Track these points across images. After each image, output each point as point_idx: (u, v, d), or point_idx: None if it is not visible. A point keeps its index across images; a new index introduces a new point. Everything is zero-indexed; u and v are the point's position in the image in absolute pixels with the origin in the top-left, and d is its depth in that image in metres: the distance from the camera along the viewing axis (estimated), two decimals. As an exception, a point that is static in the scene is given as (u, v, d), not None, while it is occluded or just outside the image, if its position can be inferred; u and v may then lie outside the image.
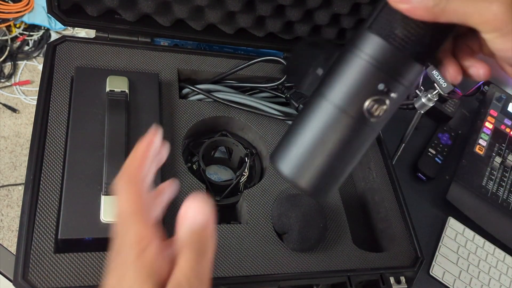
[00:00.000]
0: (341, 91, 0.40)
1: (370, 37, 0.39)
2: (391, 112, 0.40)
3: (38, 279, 0.58)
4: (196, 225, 0.37)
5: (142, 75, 0.76)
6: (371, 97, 0.39)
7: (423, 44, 0.39)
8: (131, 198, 0.40)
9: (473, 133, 1.13)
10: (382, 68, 0.39)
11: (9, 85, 0.91)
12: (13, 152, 0.82)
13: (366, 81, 0.39)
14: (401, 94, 0.40)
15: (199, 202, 0.38)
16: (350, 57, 0.40)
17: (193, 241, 0.37)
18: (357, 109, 0.39)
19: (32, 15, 0.98)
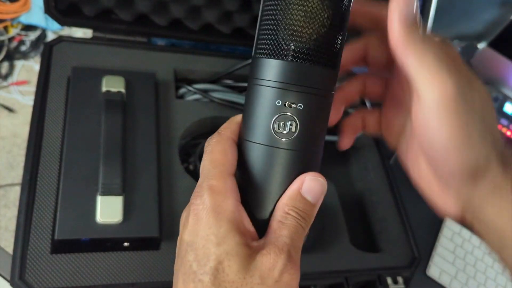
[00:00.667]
0: (248, 125, 0.38)
1: (253, 60, 0.38)
2: (315, 122, 0.38)
3: (35, 279, 0.58)
4: (314, 198, 0.37)
5: (139, 75, 0.76)
6: (273, 117, 0.37)
7: (307, 43, 0.36)
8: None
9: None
10: (269, 83, 0.37)
11: (6, 85, 0.91)
12: (10, 152, 0.82)
13: (261, 103, 0.37)
14: (314, 101, 0.37)
15: (323, 181, 0.38)
16: (248, 91, 0.39)
17: (306, 212, 0.37)
18: (268, 136, 0.37)
19: (29, 15, 0.98)
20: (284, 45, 0.36)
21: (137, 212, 0.63)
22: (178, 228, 0.67)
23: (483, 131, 0.35)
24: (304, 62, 0.36)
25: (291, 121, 0.37)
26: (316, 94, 0.37)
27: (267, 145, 0.37)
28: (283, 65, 0.36)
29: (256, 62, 0.38)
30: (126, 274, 0.61)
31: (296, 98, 0.36)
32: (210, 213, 0.35)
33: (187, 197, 0.71)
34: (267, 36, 0.37)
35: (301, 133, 0.37)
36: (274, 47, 0.36)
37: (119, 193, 0.63)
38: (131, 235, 0.62)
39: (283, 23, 0.36)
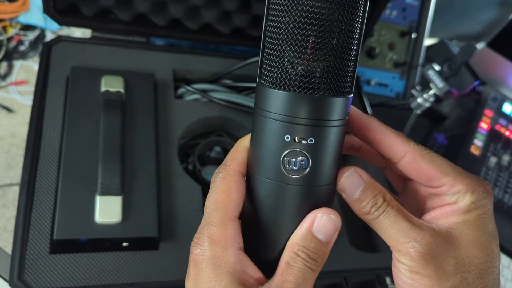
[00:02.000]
0: (256, 158, 0.36)
1: (258, 88, 0.35)
2: (328, 156, 0.35)
3: (33, 279, 0.58)
4: (327, 236, 0.35)
5: (138, 75, 0.76)
6: (282, 153, 0.34)
7: (312, 76, 0.33)
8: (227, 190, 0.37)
9: (469, 133, 1.14)
10: (276, 116, 0.34)
11: (4, 85, 0.91)
12: (9, 152, 0.82)
13: (269, 137, 0.34)
14: (326, 134, 0.34)
15: (335, 217, 0.36)
16: (254, 119, 0.36)
17: (310, 253, 0.35)
18: (277, 173, 0.35)
19: (27, 15, 0.98)
20: (290, 70, 0.33)
21: (136, 212, 0.63)
22: (177, 228, 0.67)
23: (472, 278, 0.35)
24: (314, 93, 0.33)
25: (302, 157, 0.34)
26: (328, 126, 0.34)
27: (276, 181, 0.35)
28: (290, 97, 0.33)
29: (261, 91, 0.35)
30: (125, 274, 0.61)
31: (306, 133, 0.33)
32: (209, 265, 0.34)
33: (186, 197, 0.71)
34: (271, 60, 0.34)
35: (313, 168, 0.34)
36: (280, 74, 0.33)
37: (118, 193, 0.63)
38: (130, 235, 0.62)
39: (289, 45, 0.32)
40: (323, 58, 0.32)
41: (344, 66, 0.34)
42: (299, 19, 0.32)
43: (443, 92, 0.94)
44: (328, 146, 0.34)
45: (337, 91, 0.34)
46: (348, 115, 0.36)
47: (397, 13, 1.11)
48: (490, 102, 1.22)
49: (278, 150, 0.34)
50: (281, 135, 0.34)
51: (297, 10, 0.32)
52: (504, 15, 1.24)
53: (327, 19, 0.32)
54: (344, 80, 0.34)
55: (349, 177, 0.36)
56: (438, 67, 0.95)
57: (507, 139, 1.16)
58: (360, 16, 0.33)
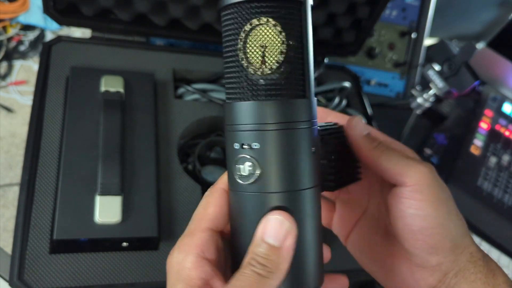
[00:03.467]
0: (228, 173, 0.38)
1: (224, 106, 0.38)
2: (278, 159, 0.35)
3: (33, 279, 0.58)
4: (277, 240, 0.34)
5: (138, 75, 0.76)
6: (233, 162, 0.35)
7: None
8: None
9: (469, 133, 1.14)
10: (228, 127, 0.36)
11: (4, 85, 0.91)
12: (9, 152, 0.82)
13: (227, 149, 0.36)
14: (271, 138, 0.34)
15: (284, 217, 0.34)
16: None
17: (259, 259, 0.34)
18: (233, 181, 0.36)
19: (27, 15, 0.98)
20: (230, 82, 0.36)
21: (136, 212, 0.63)
22: (177, 228, 0.67)
23: (457, 209, 0.39)
24: (255, 99, 0.35)
25: (249, 163, 0.35)
26: (273, 130, 0.34)
27: (234, 190, 0.36)
28: (232, 107, 0.35)
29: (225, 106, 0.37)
30: (125, 274, 0.61)
31: (249, 138, 0.35)
32: (172, 271, 0.36)
33: (185, 197, 0.71)
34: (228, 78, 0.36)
35: (263, 173, 0.35)
36: (229, 88, 0.36)
37: (117, 193, 0.63)
38: (130, 235, 0.62)
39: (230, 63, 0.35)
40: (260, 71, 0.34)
41: (293, 73, 0.35)
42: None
43: (443, 92, 0.94)
44: (275, 148, 0.35)
45: (275, 96, 0.34)
46: (305, 119, 0.35)
47: (397, 13, 1.11)
48: (490, 102, 1.22)
49: (232, 158, 0.35)
50: (232, 144, 0.35)
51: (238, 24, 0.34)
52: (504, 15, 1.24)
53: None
54: (297, 83, 0.35)
55: (356, 117, 0.41)
56: (438, 67, 0.95)
57: (507, 139, 1.16)
58: (301, 20, 0.35)
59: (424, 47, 1.12)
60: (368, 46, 1.08)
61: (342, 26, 0.88)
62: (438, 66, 0.95)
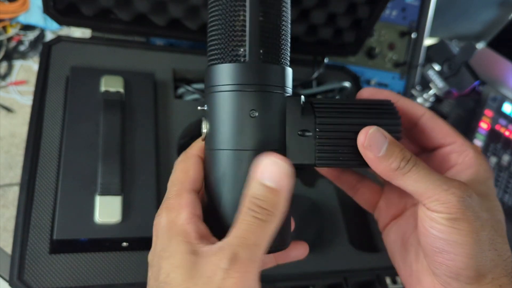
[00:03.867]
0: None
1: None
2: (220, 119, 0.38)
3: (33, 279, 0.58)
4: (276, 182, 0.34)
5: (138, 75, 0.76)
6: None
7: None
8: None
9: (469, 133, 1.14)
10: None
11: (4, 85, 0.91)
12: (9, 152, 0.82)
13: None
14: (213, 99, 0.38)
15: (279, 159, 0.34)
16: None
17: (259, 202, 0.34)
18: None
19: (27, 15, 0.98)
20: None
21: (136, 212, 0.63)
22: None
23: (492, 238, 0.36)
24: (209, 64, 0.39)
25: (204, 122, 0.39)
26: (214, 92, 0.38)
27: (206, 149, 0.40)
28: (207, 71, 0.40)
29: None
30: (125, 274, 0.61)
31: (205, 101, 0.39)
32: (164, 231, 0.36)
33: (186, 197, 0.71)
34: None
35: (210, 131, 0.38)
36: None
37: (117, 193, 0.63)
38: (130, 235, 0.62)
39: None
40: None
41: (234, 32, 0.39)
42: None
43: (443, 92, 0.94)
44: (217, 109, 0.38)
45: (225, 59, 0.39)
46: (244, 81, 0.37)
47: (397, 13, 1.11)
48: (490, 102, 1.22)
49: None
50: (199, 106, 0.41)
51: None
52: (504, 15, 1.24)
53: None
54: (231, 45, 0.39)
55: (374, 134, 0.36)
56: (438, 67, 0.95)
57: (507, 139, 1.16)
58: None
59: (424, 47, 1.12)
60: (368, 46, 1.08)
61: (342, 26, 0.88)
62: (438, 66, 0.95)
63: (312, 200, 0.73)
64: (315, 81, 0.91)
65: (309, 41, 0.91)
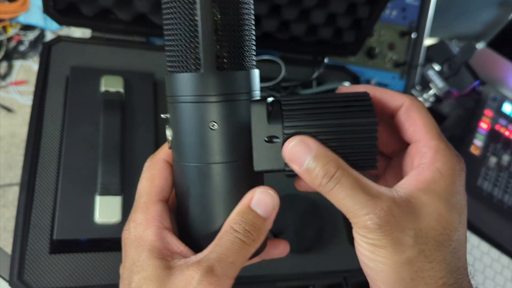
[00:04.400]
0: None
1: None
2: (181, 129, 0.36)
3: (33, 279, 0.58)
4: (265, 211, 0.35)
5: (137, 75, 0.76)
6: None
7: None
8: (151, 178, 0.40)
9: (469, 133, 1.14)
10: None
11: (4, 85, 0.91)
12: (9, 152, 0.82)
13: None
14: (173, 109, 0.37)
15: (274, 194, 0.36)
16: None
17: (246, 226, 0.35)
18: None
19: (27, 15, 0.98)
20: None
21: (136, 212, 0.63)
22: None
23: (419, 266, 0.33)
24: (169, 72, 0.37)
25: (168, 130, 0.38)
26: (176, 102, 0.36)
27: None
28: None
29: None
30: (124, 274, 0.61)
31: (168, 110, 0.38)
32: (133, 246, 0.36)
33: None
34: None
35: (174, 142, 0.37)
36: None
37: (117, 193, 0.63)
38: (129, 235, 0.62)
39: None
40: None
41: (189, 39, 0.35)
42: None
43: (443, 92, 0.94)
44: (177, 121, 0.37)
45: (181, 67, 0.36)
46: (194, 93, 0.36)
47: (397, 13, 1.11)
48: (490, 102, 1.22)
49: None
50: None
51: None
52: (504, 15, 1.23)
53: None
54: (187, 53, 0.36)
55: (295, 146, 0.35)
56: (438, 67, 0.95)
57: (507, 139, 1.16)
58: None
59: (424, 47, 1.12)
60: (368, 46, 1.08)
61: (342, 26, 0.88)
62: (438, 66, 0.95)
63: (312, 200, 0.73)
64: (315, 81, 0.91)
65: (309, 41, 0.91)
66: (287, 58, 0.88)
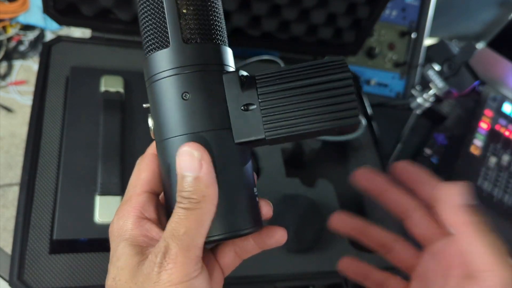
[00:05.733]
0: None
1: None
2: (163, 109, 0.36)
3: (33, 279, 0.58)
4: (192, 170, 0.34)
5: (137, 75, 0.76)
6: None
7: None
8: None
9: (469, 133, 1.14)
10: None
11: (4, 85, 0.91)
12: (9, 152, 0.82)
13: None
14: (153, 89, 0.37)
15: (192, 147, 0.34)
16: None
17: (184, 194, 0.34)
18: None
19: (27, 15, 0.98)
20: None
21: (136, 212, 0.63)
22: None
23: None
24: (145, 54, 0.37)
25: (150, 119, 0.38)
26: (154, 81, 0.36)
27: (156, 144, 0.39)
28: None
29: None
30: (124, 274, 0.61)
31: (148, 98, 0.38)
32: (114, 237, 0.37)
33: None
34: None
35: (154, 125, 0.37)
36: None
37: (117, 193, 0.63)
38: (129, 235, 0.62)
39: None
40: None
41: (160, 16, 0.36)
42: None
43: (443, 92, 0.94)
44: (153, 100, 0.37)
45: (153, 48, 0.36)
46: (163, 70, 0.36)
47: (397, 13, 1.11)
48: (490, 102, 1.22)
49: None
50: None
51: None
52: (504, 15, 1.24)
53: None
54: (158, 32, 0.36)
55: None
56: (438, 67, 0.95)
57: (507, 139, 1.16)
58: None
59: (424, 47, 1.12)
60: (368, 46, 1.08)
61: (342, 26, 0.88)
62: (438, 66, 0.95)
63: (312, 200, 0.73)
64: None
65: (309, 41, 0.91)
66: (287, 58, 0.87)
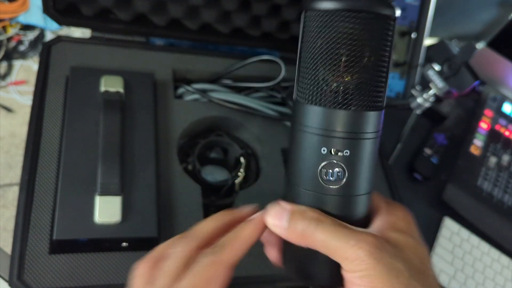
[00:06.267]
0: (295, 170, 0.39)
1: (295, 104, 0.39)
2: (363, 166, 0.38)
3: (33, 279, 0.58)
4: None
5: (137, 75, 0.76)
6: (319, 165, 0.37)
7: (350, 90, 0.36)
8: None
9: (468, 133, 1.14)
10: (313, 130, 0.37)
11: (4, 85, 0.91)
12: (9, 153, 0.82)
13: (307, 150, 0.38)
14: (360, 146, 0.37)
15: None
16: (292, 134, 0.40)
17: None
18: (315, 184, 0.38)
19: (27, 15, 0.98)
20: (325, 87, 0.36)
21: (136, 212, 0.63)
22: (177, 228, 0.67)
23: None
24: (348, 108, 0.36)
25: (338, 168, 0.37)
26: (362, 139, 0.37)
27: (315, 192, 0.38)
28: (326, 112, 0.36)
29: (298, 107, 0.38)
30: (124, 274, 0.61)
31: (341, 145, 0.37)
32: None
33: (185, 197, 0.71)
34: (306, 78, 0.37)
35: (350, 179, 0.37)
36: (315, 91, 0.37)
37: (117, 193, 0.63)
38: (129, 235, 0.62)
39: (323, 64, 0.36)
40: (355, 76, 0.35)
41: (375, 82, 0.36)
42: (332, 40, 0.35)
43: (443, 92, 0.94)
44: (362, 157, 0.37)
45: (370, 105, 0.36)
46: (380, 129, 0.38)
47: (397, 13, 1.11)
48: (490, 102, 1.22)
49: (316, 162, 0.37)
50: (318, 148, 0.37)
51: (331, 32, 0.35)
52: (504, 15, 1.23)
53: (359, 39, 0.34)
54: (376, 95, 0.37)
55: (272, 210, 0.40)
56: (438, 67, 0.95)
57: (507, 139, 1.16)
58: (389, 35, 0.36)
59: (424, 47, 1.12)
60: (368, 46, 1.08)
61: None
62: (438, 66, 0.95)
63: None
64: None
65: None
66: (287, 58, 0.87)
